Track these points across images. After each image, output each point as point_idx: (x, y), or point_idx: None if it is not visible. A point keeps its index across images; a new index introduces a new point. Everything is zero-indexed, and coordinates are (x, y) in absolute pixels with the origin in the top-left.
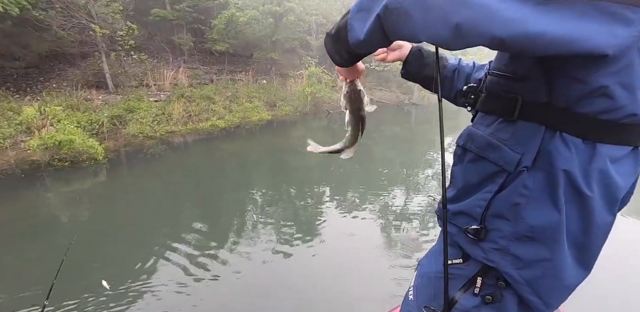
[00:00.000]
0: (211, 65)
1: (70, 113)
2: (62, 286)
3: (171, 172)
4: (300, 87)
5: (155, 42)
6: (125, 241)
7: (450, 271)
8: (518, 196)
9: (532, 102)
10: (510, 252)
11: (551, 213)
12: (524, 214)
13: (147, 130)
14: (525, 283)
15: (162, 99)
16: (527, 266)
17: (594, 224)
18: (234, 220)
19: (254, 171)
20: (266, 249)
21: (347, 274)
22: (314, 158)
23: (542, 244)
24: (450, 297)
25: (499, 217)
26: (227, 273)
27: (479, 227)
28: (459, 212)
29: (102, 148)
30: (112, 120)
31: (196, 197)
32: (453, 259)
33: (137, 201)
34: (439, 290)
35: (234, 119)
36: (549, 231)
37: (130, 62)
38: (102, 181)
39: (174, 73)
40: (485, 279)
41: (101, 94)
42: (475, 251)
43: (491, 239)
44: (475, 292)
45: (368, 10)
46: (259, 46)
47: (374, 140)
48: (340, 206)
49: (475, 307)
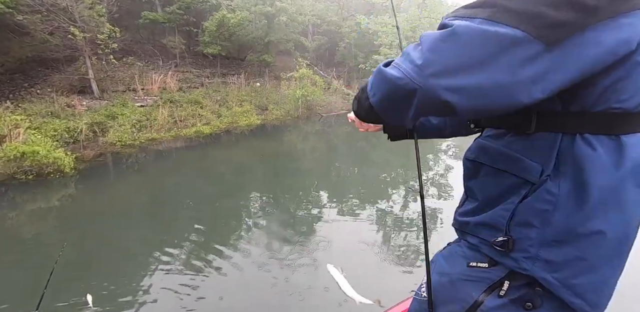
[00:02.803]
0: (203, 69)
1: (48, 120)
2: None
3: (146, 184)
4: (291, 90)
5: (145, 45)
6: (79, 260)
7: (474, 273)
8: (544, 203)
9: (547, 112)
10: (541, 258)
11: (580, 215)
12: (552, 219)
13: (126, 138)
14: (562, 285)
15: (149, 104)
16: (560, 268)
17: (629, 218)
18: (213, 235)
19: (236, 181)
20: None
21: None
22: (305, 163)
23: (574, 246)
24: (474, 299)
25: (525, 225)
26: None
27: (505, 239)
28: (481, 223)
29: (72, 159)
30: (92, 128)
31: (170, 211)
32: (478, 263)
33: (103, 217)
34: (463, 293)
35: (221, 125)
36: (581, 232)
37: (118, 66)
38: (66, 196)
39: (163, 77)
40: (513, 282)
41: (86, 99)
42: (506, 261)
43: (520, 248)
44: (500, 295)
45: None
46: (253, 48)
47: (370, 143)
48: (338, 210)
49: (499, 307)
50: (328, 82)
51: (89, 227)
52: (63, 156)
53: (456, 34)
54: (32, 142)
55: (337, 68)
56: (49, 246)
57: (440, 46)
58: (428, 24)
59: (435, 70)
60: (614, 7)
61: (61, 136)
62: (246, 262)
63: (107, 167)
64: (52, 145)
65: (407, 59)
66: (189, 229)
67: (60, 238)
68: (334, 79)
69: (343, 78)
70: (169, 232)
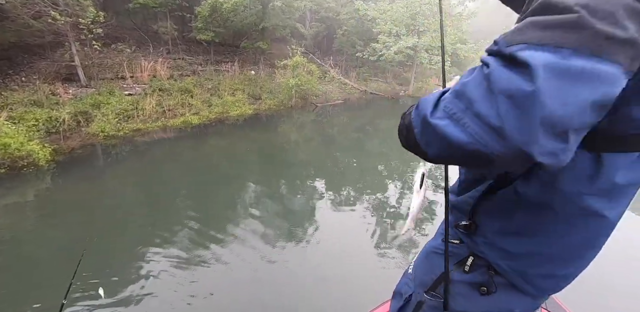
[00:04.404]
0: (196, 56)
1: (29, 110)
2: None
3: (126, 178)
4: (285, 79)
5: (136, 31)
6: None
7: (449, 248)
8: (509, 201)
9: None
10: (498, 246)
11: (544, 215)
12: (513, 215)
13: (109, 128)
14: (514, 272)
15: (138, 93)
16: (514, 258)
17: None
18: (193, 233)
19: (224, 174)
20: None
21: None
22: (298, 155)
23: (531, 241)
24: (440, 272)
25: (487, 214)
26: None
27: (468, 223)
28: (455, 205)
29: (50, 151)
30: (76, 118)
31: (147, 207)
32: (453, 240)
33: (75, 213)
34: (434, 264)
35: (210, 115)
36: (540, 230)
37: (106, 52)
38: (40, 190)
39: (153, 64)
40: (477, 260)
41: (72, 87)
42: (468, 242)
43: (481, 233)
44: (465, 270)
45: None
46: (247, 35)
47: (368, 135)
48: (335, 203)
49: (460, 284)
50: (325, 70)
51: (60, 224)
52: (37, 148)
53: (541, 80)
54: (4, 134)
55: (334, 56)
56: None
57: (524, 103)
58: (429, 11)
59: (525, 139)
60: None
61: (42, 126)
62: (240, 254)
63: (87, 160)
64: (26, 136)
65: (475, 114)
66: (172, 230)
67: (22, 237)
68: (331, 68)
69: (340, 67)
70: (148, 230)
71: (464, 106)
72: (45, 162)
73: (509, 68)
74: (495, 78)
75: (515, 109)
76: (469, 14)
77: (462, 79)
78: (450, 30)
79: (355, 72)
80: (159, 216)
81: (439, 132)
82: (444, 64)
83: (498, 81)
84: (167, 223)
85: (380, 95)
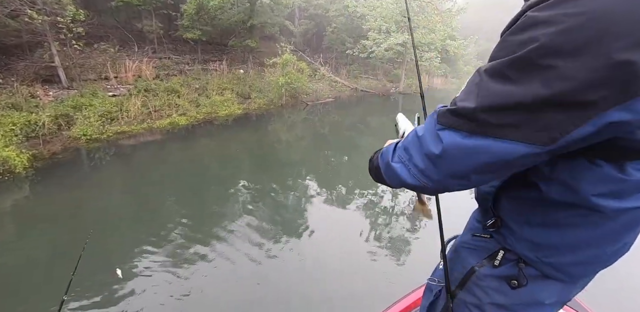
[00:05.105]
0: (183, 55)
1: (7, 113)
2: None
3: (110, 183)
4: (274, 77)
5: (120, 30)
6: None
7: (475, 242)
8: (533, 198)
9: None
10: (524, 238)
11: (569, 210)
12: (540, 210)
13: (92, 131)
14: (544, 263)
15: (122, 94)
16: (543, 249)
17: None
18: (183, 235)
19: (211, 176)
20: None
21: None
22: (289, 155)
23: (559, 231)
24: (471, 266)
25: (512, 209)
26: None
27: (494, 220)
28: (478, 199)
29: (28, 157)
30: (57, 121)
31: (127, 222)
32: (482, 234)
33: (54, 223)
34: (463, 260)
35: (198, 115)
36: (567, 222)
37: (89, 52)
38: (17, 199)
39: (138, 64)
40: (507, 254)
41: (53, 89)
42: (497, 236)
43: (507, 226)
44: (495, 265)
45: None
46: (235, 33)
47: (360, 132)
48: (328, 201)
49: (490, 278)
50: (315, 68)
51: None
52: (14, 154)
53: (446, 151)
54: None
55: (324, 54)
56: None
57: (437, 162)
58: (418, 7)
59: (441, 181)
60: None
61: (20, 131)
62: (233, 252)
63: (68, 165)
64: (1, 142)
65: (414, 164)
66: (161, 234)
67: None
68: (321, 66)
69: (331, 64)
70: (138, 232)
71: (408, 157)
72: (22, 169)
73: (433, 137)
74: (424, 142)
75: (433, 165)
76: (459, 10)
77: (417, 131)
78: (440, 26)
79: (346, 69)
80: (147, 219)
81: (397, 172)
82: (417, 61)
83: (425, 145)
84: (156, 227)
85: (371, 93)
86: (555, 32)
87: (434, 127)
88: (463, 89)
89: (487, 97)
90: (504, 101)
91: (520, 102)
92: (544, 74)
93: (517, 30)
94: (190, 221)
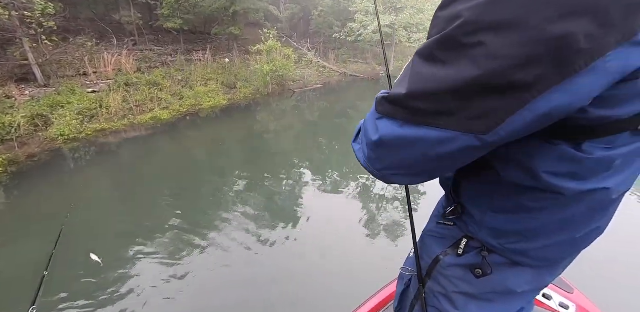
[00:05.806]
0: (166, 46)
1: None
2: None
3: (91, 184)
4: (259, 65)
5: (97, 23)
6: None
7: (440, 230)
8: (492, 182)
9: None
10: (486, 225)
11: (529, 193)
12: (500, 195)
13: (69, 130)
14: (506, 249)
15: (102, 89)
16: (506, 235)
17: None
18: (176, 232)
19: (199, 170)
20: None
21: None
22: (279, 145)
23: (521, 217)
24: (436, 255)
25: (473, 195)
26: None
27: (454, 207)
28: (442, 184)
29: (1, 162)
30: (34, 121)
31: (104, 229)
32: (445, 222)
33: (30, 228)
34: (429, 247)
35: (181, 108)
36: (528, 206)
37: (65, 47)
38: None
39: (118, 57)
40: (471, 242)
41: (29, 88)
42: (459, 223)
43: (468, 212)
44: (459, 253)
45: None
46: (218, 21)
47: (350, 118)
48: (319, 189)
49: (455, 267)
50: (302, 54)
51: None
52: None
53: (383, 141)
54: None
55: (312, 39)
56: None
57: (377, 152)
58: None
59: (383, 166)
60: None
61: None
62: (227, 245)
63: (45, 168)
64: None
65: (364, 148)
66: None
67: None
68: (309, 51)
69: (318, 49)
70: (128, 230)
71: (364, 141)
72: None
73: (372, 125)
74: (366, 130)
75: (374, 154)
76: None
77: (367, 116)
78: (429, 6)
79: (334, 54)
80: (133, 213)
81: (356, 155)
82: (383, 41)
83: (367, 134)
84: (145, 219)
85: (360, 77)
86: (478, 5)
87: (374, 115)
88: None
89: (418, 83)
90: (434, 86)
91: (451, 86)
92: (472, 54)
93: (444, 4)
94: (180, 220)
